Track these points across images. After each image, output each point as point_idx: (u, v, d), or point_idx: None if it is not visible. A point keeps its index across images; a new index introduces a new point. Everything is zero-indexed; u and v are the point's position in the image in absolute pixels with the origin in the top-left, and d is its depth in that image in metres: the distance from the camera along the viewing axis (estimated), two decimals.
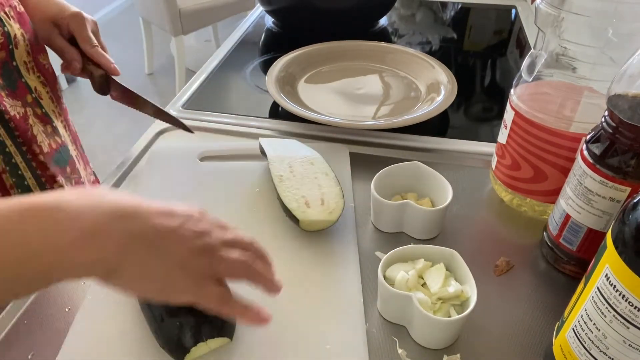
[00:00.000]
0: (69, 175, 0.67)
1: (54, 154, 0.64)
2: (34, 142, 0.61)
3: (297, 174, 0.57)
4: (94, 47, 0.62)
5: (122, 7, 3.87)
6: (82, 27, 0.62)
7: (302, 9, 1.01)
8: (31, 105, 0.62)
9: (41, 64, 0.65)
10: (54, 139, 0.65)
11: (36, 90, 0.63)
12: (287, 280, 0.50)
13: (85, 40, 0.62)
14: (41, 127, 0.63)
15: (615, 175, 0.42)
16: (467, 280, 0.46)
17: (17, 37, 0.59)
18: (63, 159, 0.66)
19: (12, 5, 0.60)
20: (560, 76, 0.51)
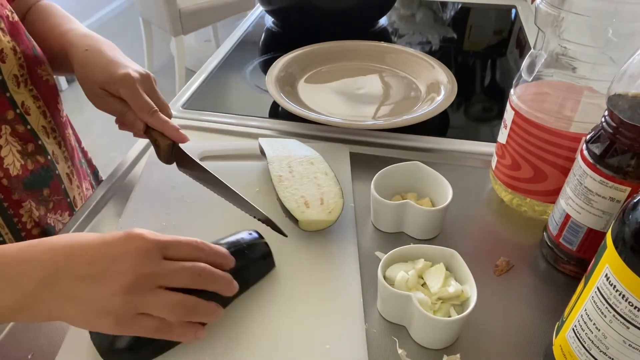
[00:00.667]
0: (46, 198, 0.62)
1: (27, 177, 0.59)
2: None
3: (297, 174, 0.57)
4: (153, 115, 0.54)
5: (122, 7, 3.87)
6: (134, 93, 0.54)
7: (302, 9, 1.01)
8: (11, 122, 0.57)
9: (38, 76, 0.61)
10: (34, 159, 0.60)
11: (23, 106, 0.58)
12: (286, 281, 0.50)
13: (141, 109, 0.54)
14: (17, 147, 0.58)
15: (615, 175, 0.42)
16: (467, 280, 0.46)
17: (5, 51, 0.55)
18: (40, 180, 0.61)
19: (4, 15, 0.56)
20: (560, 76, 0.51)
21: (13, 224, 0.58)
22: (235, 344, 0.44)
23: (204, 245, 0.43)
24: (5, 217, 0.57)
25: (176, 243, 0.41)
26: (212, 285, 0.42)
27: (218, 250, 0.44)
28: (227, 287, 0.43)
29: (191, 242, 0.42)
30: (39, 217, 0.60)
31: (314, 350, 0.44)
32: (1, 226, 0.57)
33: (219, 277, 0.42)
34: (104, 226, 0.59)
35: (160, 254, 0.40)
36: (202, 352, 0.44)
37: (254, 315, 0.47)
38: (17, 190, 0.58)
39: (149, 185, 0.62)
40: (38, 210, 0.61)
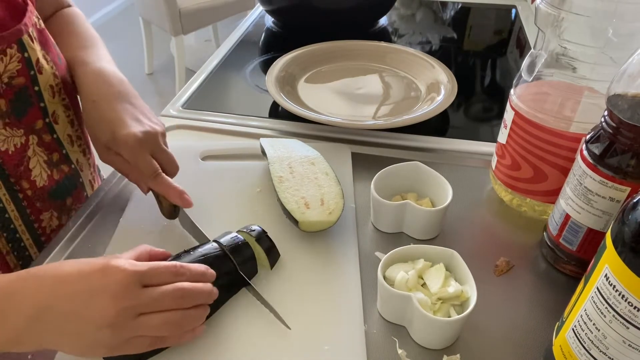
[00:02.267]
0: (69, 207, 0.63)
1: (53, 187, 0.59)
2: (24, 178, 0.56)
3: (297, 174, 0.57)
4: (156, 178, 0.52)
5: (122, 7, 3.87)
6: (136, 156, 0.51)
7: (302, 9, 1.01)
8: (38, 132, 0.56)
9: (69, 84, 0.60)
10: (59, 169, 0.60)
11: (53, 115, 0.58)
12: (286, 281, 0.50)
13: (143, 172, 0.52)
14: (44, 157, 0.58)
15: (615, 175, 0.42)
16: (467, 280, 0.46)
17: (41, 62, 0.54)
18: (64, 189, 0.61)
19: (34, 23, 0.55)
20: (560, 76, 0.51)
21: (34, 229, 0.59)
22: (235, 343, 0.44)
23: (184, 270, 0.42)
24: (27, 223, 0.58)
25: (155, 271, 0.41)
26: (195, 302, 0.42)
27: (197, 271, 0.44)
28: (209, 297, 0.44)
29: (170, 267, 0.42)
30: (59, 225, 0.61)
31: (313, 350, 0.44)
32: (23, 232, 0.58)
33: (200, 292, 0.42)
34: (105, 226, 0.59)
35: (140, 284, 0.39)
36: (201, 352, 0.44)
37: (253, 315, 0.47)
38: (40, 200, 0.58)
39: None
40: (59, 220, 0.62)
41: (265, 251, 0.50)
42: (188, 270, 0.43)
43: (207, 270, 0.45)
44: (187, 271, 0.43)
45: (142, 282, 0.40)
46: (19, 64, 0.52)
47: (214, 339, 0.45)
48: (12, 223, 0.57)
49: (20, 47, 0.52)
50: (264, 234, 0.51)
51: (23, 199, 0.57)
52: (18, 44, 0.51)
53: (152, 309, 0.39)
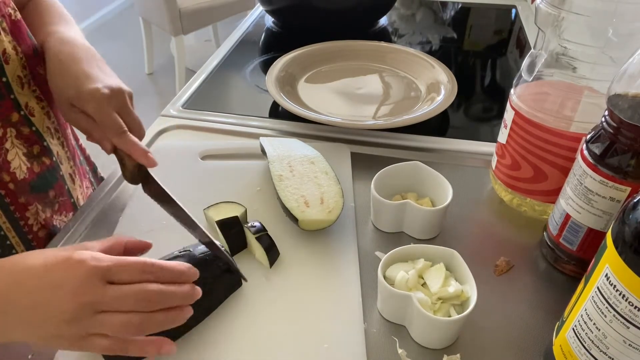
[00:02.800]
0: (52, 200, 0.61)
1: (34, 179, 0.58)
2: (4, 170, 0.54)
3: (297, 173, 0.57)
4: (121, 135, 0.50)
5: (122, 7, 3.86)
6: (101, 111, 0.50)
7: (302, 9, 1.01)
8: (15, 125, 0.55)
9: (40, 76, 0.58)
10: (40, 161, 0.58)
11: (27, 107, 0.56)
12: (286, 279, 0.50)
13: (108, 128, 0.50)
14: (22, 150, 0.56)
15: (615, 175, 0.42)
16: (467, 280, 0.46)
17: (8, 52, 0.53)
18: (46, 183, 0.59)
19: (6, 14, 0.54)
20: (560, 76, 0.51)
21: (19, 227, 0.58)
22: (234, 342, 0.44)
23: (153, 267, 0.39)
24: (12, 220, 0.57)
25: (120, 267, 0.38)
26: (163, 305, 0.39)
27: (172, 268, 0.40)
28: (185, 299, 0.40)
29: (137, 264, 0.39)
30: (45, 219, 0.60)
31: (312, 349, 0.44)
32: (8, 230, 0.57)
33: (171, 295, 0.39)
34: (105, 225, 0.59)
35: (103, 280, 0.38)
36: (201, 350, 0.44)
37: (252, 313, 0.47)
38: (23, 194, 0.57)
39: None
40: (44, 213, 0.60)
41: (265, 249, 0.50)
42: (160, 269, 0.40)
43: (188, 270, 0.41)
44: (158, 269, 0.39)
45: (106, 278, 0.38)
46: None
47: (213, 336, 0.45)
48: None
49: None
50: (264, 232, 0.51)
51: (5, 195, 0.55)
52: None
53: (113, 308, 0.38)
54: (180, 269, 0.41)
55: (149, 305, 0.38)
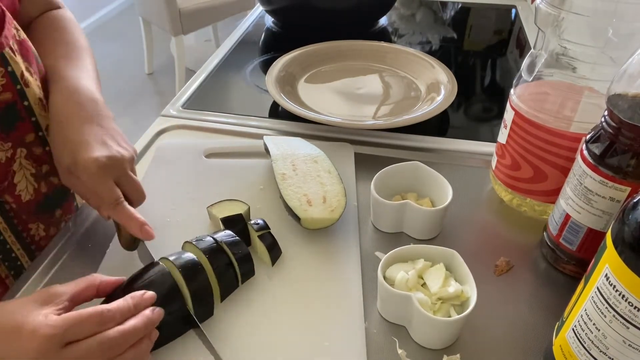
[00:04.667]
0: (58, 219, 0.60)
1: (41, 200, 0.57)
2: (9, 193, 0.53)
3: (300, 172, 0.58)
4: (116, 207, 0.48)
5: (122, 7, 3.86)
6: (96, 182, 0.48)
7: (302, 9, 1.01)
8: (28, 145, 0.54)
9: None
10: (48, 181, 0.57)
11: (47, 128, 0.55)
12: (287, 277, 0.50)
13: (103, 199, 0.49)
14: (31, 170, 0.55)
15: (615, 175, 0.42)
16: (467, 280, 0.46)
17: (25, 75, 0.52)
18: (53, 202, 0.59)
19: (13, 35, 0.52)
20: (560, 76, 0.51)
21: (23, 239, 0.57)
22: (234, 339, 0.44)
23: (111, 313, 0.39)
24: (15, 233, 0.56)
25: (77, 326, 0.37)
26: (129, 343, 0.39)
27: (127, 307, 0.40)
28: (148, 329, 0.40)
29: (94, 318, 0.38)
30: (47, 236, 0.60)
31: (312, 346, 0.44)
32: (13, 242, 0.56)
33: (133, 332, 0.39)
34: (106, 224, 0.59)
35: (60, 344, 0.37)
36: (201, 348, 0.44)
37: (253, 310, 0.47)
38: (25, 213, 0.56)
39: (154, 181, 0.63)
40: (46, 232, 0.59)
41: (266, 248, 0.50)
42: (118, 312, 0.39)
43: (142, 295, 0.41)
44: (116, 313, 0.39)
45: (63, 341, 0.37)
46: (2, 78, 0.49)
47: (213, 334, 0.45)
48: (1, 234, 0.55)
49: (2, 61, 0.49)
50: (267, 230, 0.51)
51: (9, 210, 0.54)
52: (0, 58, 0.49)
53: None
54: (136, 299, 0.41)
55: (117, 349, 0.38)
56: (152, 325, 0.41)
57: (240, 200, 0.56)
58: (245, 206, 0.55)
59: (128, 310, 0.40)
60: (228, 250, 0.48)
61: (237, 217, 0.53)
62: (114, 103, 2.68)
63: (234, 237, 0.49)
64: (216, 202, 0.56)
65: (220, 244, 0.48)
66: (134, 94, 2.80)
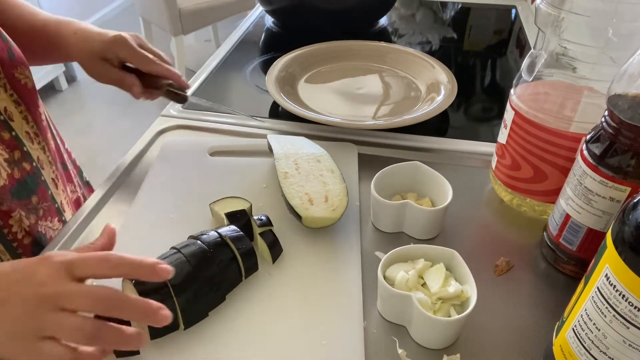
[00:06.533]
0: (35, 206, 0.60)
1: (15, 186, 0.57)
2: None
3: (303, 170, 0.58)
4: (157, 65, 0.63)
5: (122, 7, 3.86)
6: (132, 50, 0.61)
7: (302, 9, 1.01)
8: None
9: (16, 79, 0.58)
10: (20, 167, 0.58)
11: (6, 111, 0.56)
12: (288, 275, 0.50)
13: (144, 62, 0.62)
14: (4, 155, 0.56)
15: (615, 175, 0.42)
16: (467, 280, 0.46)
17: None
18: (27, 189, 0.59)
19: None
20: (560, 76, 0.51)
21: (3, 235, 0.56)
22: (233, 337, 0.45)
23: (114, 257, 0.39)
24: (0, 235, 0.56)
25: (82, 258, 0.38)
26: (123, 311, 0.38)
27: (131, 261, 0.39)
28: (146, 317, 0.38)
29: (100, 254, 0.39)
30: (30, 226, 0.59)
31: (310, 345, 0.44)
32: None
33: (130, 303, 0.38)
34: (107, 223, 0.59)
35: (68, 276, 0.38)
36: (201, 345, 0.44)
37: (252, 308, 0.47)
38: (5, 201, 0.56)
39: (158, 178, 0.63)
40: (28, 220, 0.59)
41: (268, 245, 0.51)
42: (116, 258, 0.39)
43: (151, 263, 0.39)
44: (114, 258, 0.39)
45: (71, 272, 0.38)
46: None
47: (212, 331, 0.45)
48: None
49: None
50: (269, 227, 0.52)
51: None
52: None
53: (73, 305, 0.37)
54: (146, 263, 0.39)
55: (107, 306, 0.37)
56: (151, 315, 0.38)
57: (243, 198, 0.56)
58: (248, 203, 0.55)
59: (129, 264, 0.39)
60: (232, 245, 0.48)
61: (241, 212, 0.53)
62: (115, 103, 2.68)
63: (238, 232, 0.49)
64: (219, 199, 0.56)
65: (225, 238, 0.48)
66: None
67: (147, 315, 0.38)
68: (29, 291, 0.37)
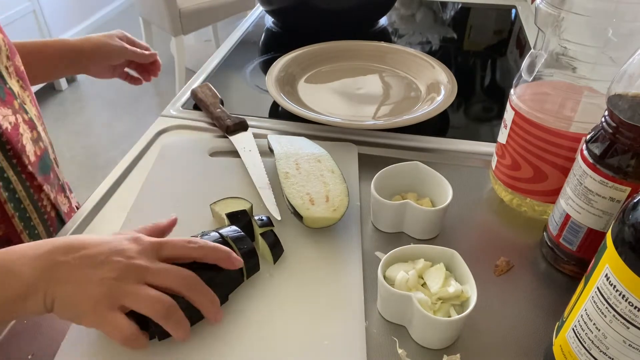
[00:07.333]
0: (53, 181, 0.66)
1: (39, 162, 0.63)
2: (23, 153, 0.59)
3: (303, 171, 0.58)
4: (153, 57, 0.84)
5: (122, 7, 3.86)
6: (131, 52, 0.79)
7: (302, 9, 1.01)
8: (19, 112, 0.60)
9: (17, 67, 0.63)
10: (38, 145, 0.64)
11: (19, 96, 0.62)
12: (288, 276, 0.50)
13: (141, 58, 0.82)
14: (29, 134, 0.61)
15: (615, 175, 0.42)
16: (467, 280, 0.46)
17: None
18: (46, 165, 0.65)
19: None
20: (560, 76, 0.51)
21: (38, 208, 0.62)
22: (235, 337, 0.44)
23: (196, 240, 0.45)
24: (33, 203, 0.62)
25: (170, 241, 0.44)
26: (196, 295, 0.43)
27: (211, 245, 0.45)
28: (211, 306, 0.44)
29: (183, 239, 0.45)
30: (53, 199, 0.65)
31: (313, 345, 0.44)
32: (31, 211, 0.61)
33: (204, 291, 0.43)
34: (106, 224, 0.59)
35: (156, 255, 0.43)
36: (200, 345, 0.44)
37: (254, 307, 0.47)
38: (37, 176, 0.62)
39: (159, 178, 0.63)
40: (52, 193, 0.65)
41: (269, 246, 0.51)
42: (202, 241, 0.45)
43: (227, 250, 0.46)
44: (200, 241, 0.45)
45: (159, 254, 0.43)
46: None
47: (214, 330, 0.45)
48: (22, 203, 0.60)
49: None
50: (270, 228, 0.52)
51: (26, 179, 0.60)
52: None
53: (158, 278, 0.41)
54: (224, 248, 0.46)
55: (187, 286, 0.42)
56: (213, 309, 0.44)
57: (243, 198, 0.56)
58: (248, 204, 0.55)
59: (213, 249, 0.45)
60: (234, 245, 0.48)
61: (242, 212, 0.53)
62: (114, 103, 2.68)
63: (239, 232, 0.49)
64: (219, 199, 0.56)
65: (226, 238, 0.48)
66: (134, 94, 2.80)
67: (214, 304, 0.44)
68: (120, 259, 0.41)
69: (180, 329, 0.42)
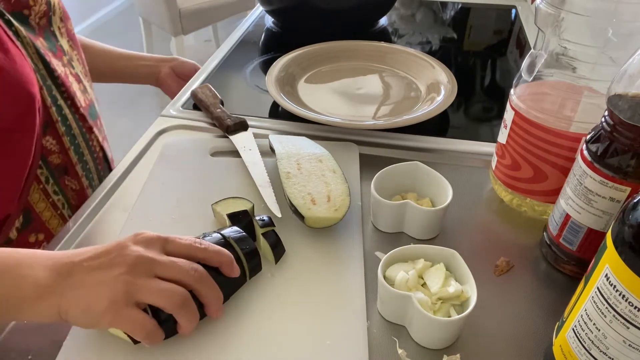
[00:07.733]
0: (100, 128, 0.75)
1: (88, 108, 0.72)
2: (75, 97, 0.68)
3: (305, 170, 0.58)
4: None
5: (122, 7, 3.86)
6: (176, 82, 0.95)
7: (302, 9, 1.01)
8: (67, 66, 0.69)
9: (69, 30, 0.73)
10: (85, 96, 0.72)
11: (68, 53, 0.71)
12: (290, 276, 0.50)
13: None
14: (77, 85, 0.70)
15: (615, 175, 0.42)
16: (467, 280, 0.46)
17: (55, 5, 0.68)
18: (94, 113, 0.74)
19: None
20: (560, 76, 0.51)
21: (89, 146, 0.71)
22: (237, 337, 0.44)
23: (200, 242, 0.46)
24: (85, 140, 0.70)
25: (176, 238, 0.45)
26: (204, 289, 0.43)
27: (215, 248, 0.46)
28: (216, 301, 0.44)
29: (189, 238, 0.46)
30: (102, 141, 0.74)
31: (314, 344, 0.44)
32: (84, 147, 0.69)
33: (212, 285, 0.44)
34: (107, 224, 0.59)
35: (162, 248, 0.44)
36: (202, 345, 0.44)
37: (255, 307, 0.47)
38: (88, 118, 0.70)
39: (160, 179, 0.63)
40: (100, 136, 0.74)
41: (270, 246, 0.51)
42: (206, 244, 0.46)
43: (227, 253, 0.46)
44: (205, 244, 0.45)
45: (165, 246, 0.44)
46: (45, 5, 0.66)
47: (215, 330, 0.45)
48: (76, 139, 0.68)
49: None
50: (271, 227, 0.52)
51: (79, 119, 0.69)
52: None
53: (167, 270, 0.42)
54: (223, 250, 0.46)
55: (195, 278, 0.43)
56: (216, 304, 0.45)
57: (244, 198, 0.56)
58: (250, 204, 0.55)
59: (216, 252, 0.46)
60: (235, 246, 0.48)
61: (243, 212, 0.53)
62: (114, 103, 2.68)
63: (241, 233, 0.49)
64: (220, 199, 0.56)
65: (228, 239, 0.48)
66: (134, 94, 2.80)
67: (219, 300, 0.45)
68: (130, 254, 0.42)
69: (194, 320, 0.42)
